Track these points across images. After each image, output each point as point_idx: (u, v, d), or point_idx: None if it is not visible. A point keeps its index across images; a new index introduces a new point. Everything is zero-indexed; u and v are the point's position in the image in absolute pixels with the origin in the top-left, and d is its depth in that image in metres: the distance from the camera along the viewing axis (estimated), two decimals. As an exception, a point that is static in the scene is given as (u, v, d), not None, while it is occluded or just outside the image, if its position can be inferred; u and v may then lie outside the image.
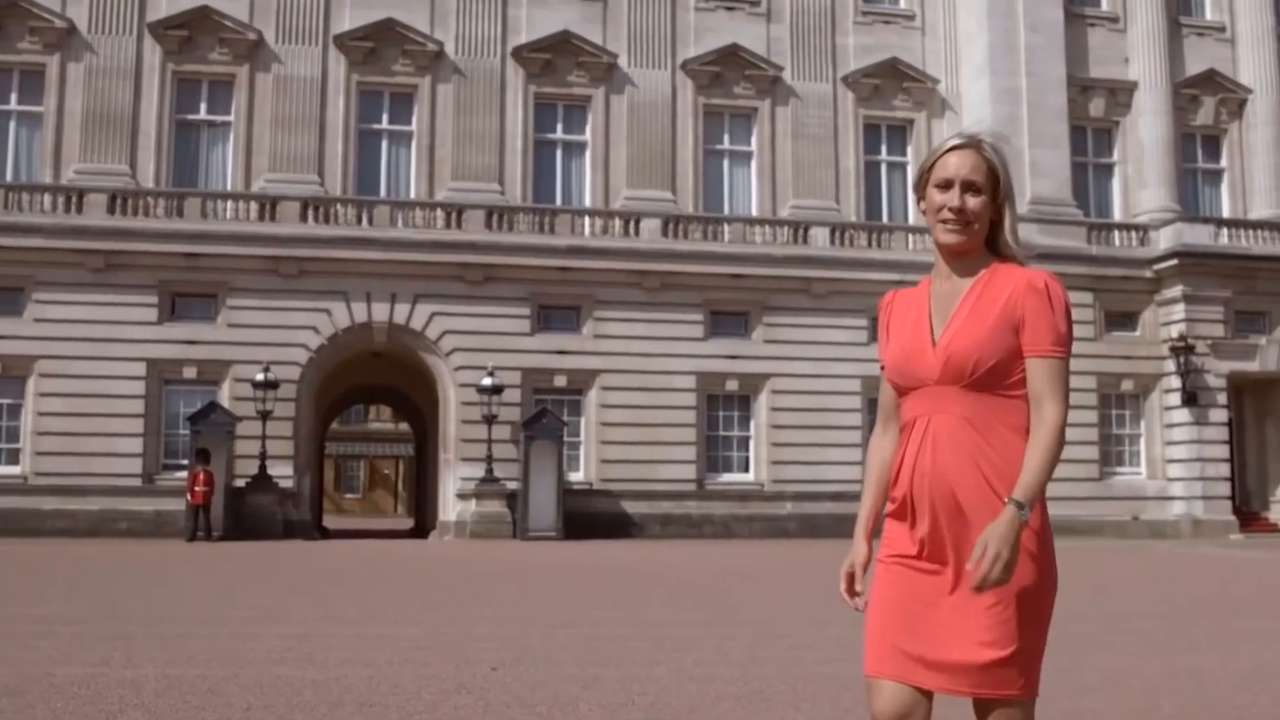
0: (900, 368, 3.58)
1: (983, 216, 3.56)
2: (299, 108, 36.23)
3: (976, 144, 3.61)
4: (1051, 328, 3.44)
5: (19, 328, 33.68)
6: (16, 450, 33.78)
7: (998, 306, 3.47)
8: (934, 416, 3.48)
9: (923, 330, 3.57)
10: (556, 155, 37.99)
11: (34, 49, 35.42)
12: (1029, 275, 3.50)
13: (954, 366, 3.45)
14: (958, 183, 3.53)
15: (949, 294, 3.60)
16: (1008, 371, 3.44)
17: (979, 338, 3.44)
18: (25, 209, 34.13)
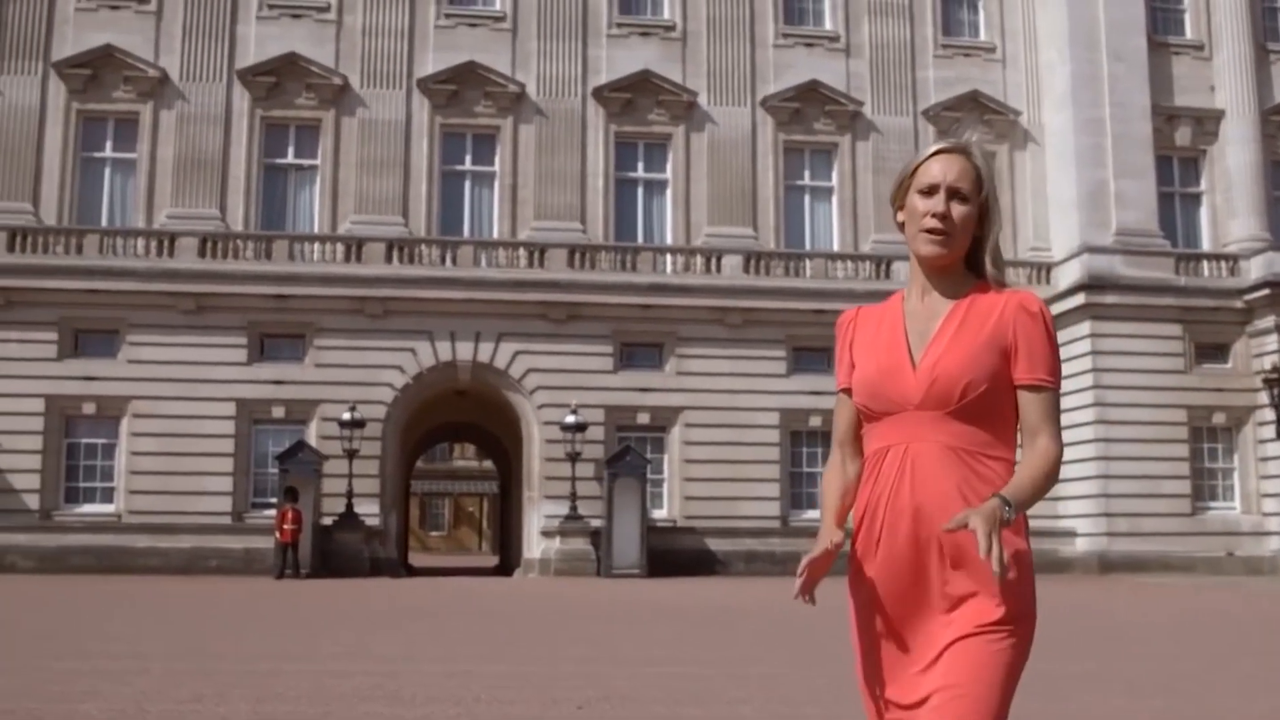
0: (874, 390, 3.26)
1: (967, 228, 3.27)
2: (384, 150, 36.78)
3: (965, 149, 3.35)
4: (1046, 356, 3.21)
5: (114, 369, 34.41)
6: (111, 489, 34.45)
7: (986, 328, 3.21)
8: (912, 445, 3.20)
9: (899, 350, 3.27)
10: (638, 193, 38.19)
11: (128, 98, 36.31)
12: (1020, 297, 3.25)
13: (940, 390, 3.17)
14: (943, 188, 3.26)
15: (927, 313, 3.31)
16: (996, 399, 3.19)
17: (968, 359, 3.17)
18: (120, 253, 34.92)
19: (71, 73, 35.98)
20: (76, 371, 34.27)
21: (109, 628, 16.18)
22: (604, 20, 38.45)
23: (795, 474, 36.51)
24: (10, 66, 35.89)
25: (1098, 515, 35.98)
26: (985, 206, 3.31)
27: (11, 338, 34.13)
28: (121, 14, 36.64)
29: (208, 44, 36.67)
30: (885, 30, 39.64)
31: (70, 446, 34.48)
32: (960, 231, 3.27)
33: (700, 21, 38.79)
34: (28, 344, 34.13)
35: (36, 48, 36.09)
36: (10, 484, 33.67)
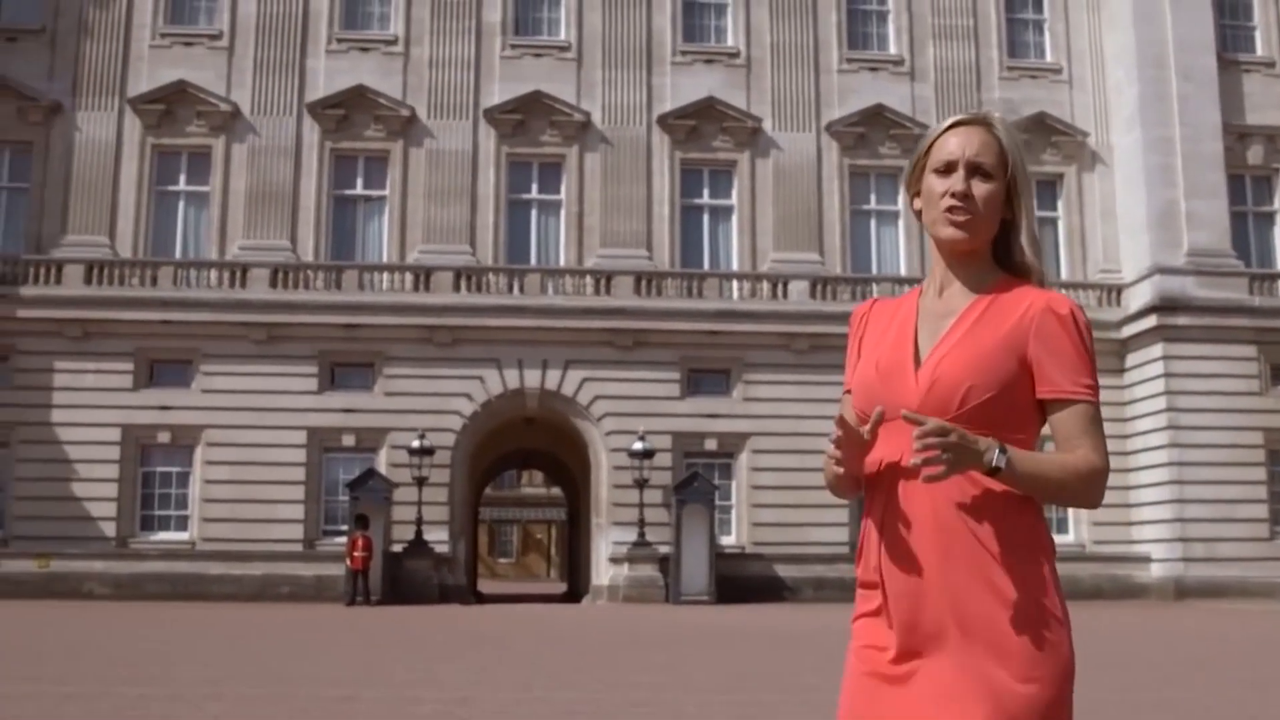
0: (870, 392, 2.87)
1: (992, 209, 2.90)
2: (451, 180, 37.13)
3: (985, 120, 2.96)
4: (1080, 365, 2.80)
5: (188, 399, 34.94)
6: (185, 517, 34.93)
7: (1004, 328, 2.81)
8: (907, 455, 2.73)
9: (905, 349, 2.89)
10: (703, 220, 38.25)
11: (201, 132, 36.96)
12: (1049, 297, 2.85)
13: (939, 395, 2.76)
14: (962, 164, 2.89)
15: (943, 309, 2.92)
16: (1009, 413, 2.76)
17: (973, 361, 2.77)
18: (193, 285, 35.49)
19: (146, 108, 36.70)
20: (152, 401, 34.82)
21: (182, 654, 16.39)
22: (668, 48, 38.63)
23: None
24: (88, 103, 36.67)
25: (1173, 540, 35.44)
26: (1013, 185, 2.94)
27: (89, 368, 34.77)
28: (194, 50, 37.34)
29: (278, 78, 37.27)
30: (950, 53, 39.51)
31: (146, 475, 35.02)
32: (984, 213, 2.90)
33: (764, 48, 38.87)
34: (104, 374, 34.75)
35: (113, 84, 36.85)
36: (88, 512, 34.23)
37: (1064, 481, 2.72)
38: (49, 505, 33.99)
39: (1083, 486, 2.74)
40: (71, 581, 33.11)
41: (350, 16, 38.15)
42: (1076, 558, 36.10)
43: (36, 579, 32.99)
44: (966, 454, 2.60)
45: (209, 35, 37.55)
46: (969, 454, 2.61)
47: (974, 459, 2.62)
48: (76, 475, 34.37)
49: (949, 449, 2.60)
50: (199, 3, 37.99)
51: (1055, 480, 2.71)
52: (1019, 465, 2.65)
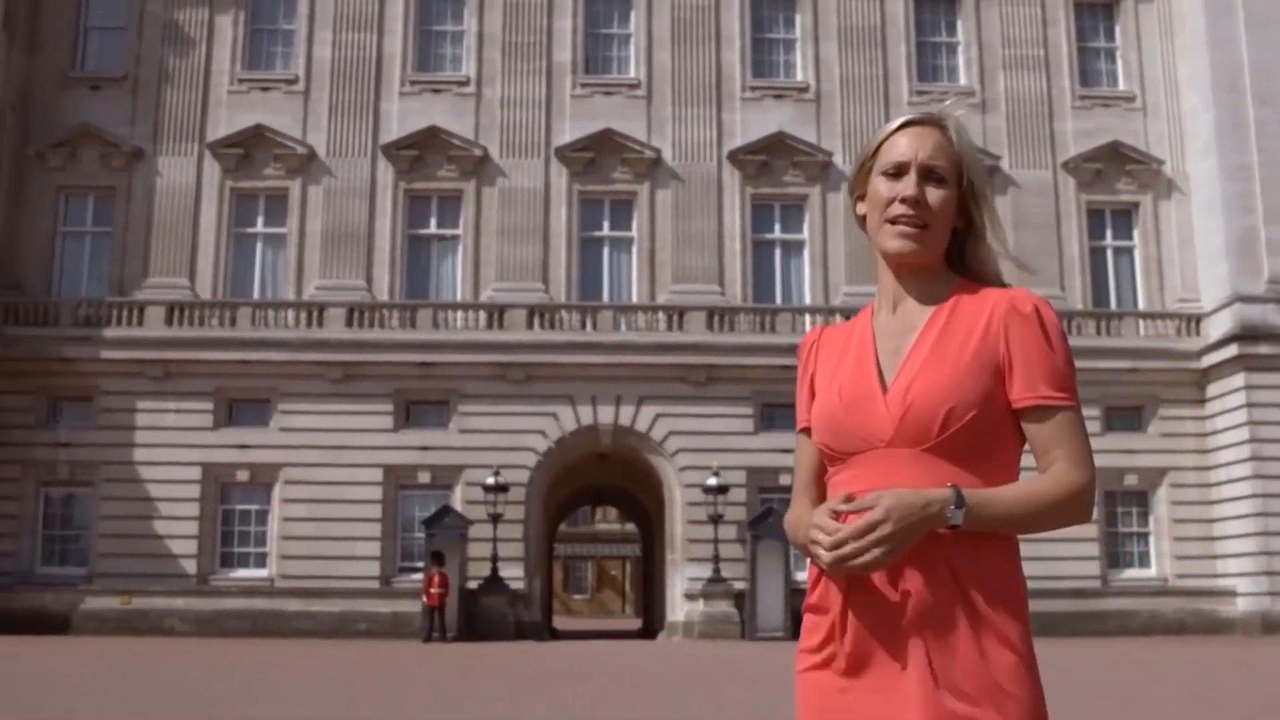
0: (835, 424, 2.64)
1: (945, 216, 2.66)
2: (523, 218, 37.43)
3: (938, 121, 2.71)
4: (1052, 366, 2.56)
5: (266, 437, 35.39)
6: (264, 554, 35.32)
7: (972, 339, 2.58)
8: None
9: (868, 375, 2.65)
10: (775, 254, 38.25)
11: (278, 175, 37.59)
12: (1011, 295, 2.62)
13: (915, 420, 2.54)
14: (915, 168, 2.64)
15: (900, 327, 2.69)
16: (989, 430, 2.55)
17: (949, 380, 2.54)
18: (271, 324, 36.01)
19: (225, 152, 37.39)
20: (231, 440, 35.32)
21: (261, 691, 16.55)
22: (738, 84, 38.77)
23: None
24: (168, 148, 37.42)
25: (1258, 574, 34.73)
26: (969, 190, 2.69)
27: (170, 408, 35.34)
28: (271, 95, 38.01)
29: (353, 121, 37.82)
30: (1021, 83, 39.30)
31: (225, 513, 35.49)
32: (937, 221, 2.65)
33: (834, 82, 38.89)
34: (185, 414, 35.31)
35: (192, 130, 37.59)
36: (169, 549, 34.72)
37: (1035, 514, 2.50)
38: (132, 543, 34.53)
39: (1059, 512, 2.52)
40: (153, 618, 33.57)
41: (423, 59, 38.69)
42: (1159, 592, 35.53)
43: (119, 615, 33.50)
44: (910, 530, 2.40)
45: (285, 80, 38.23)
46: (913, 528, 2.40)
47: (923, 527, 2.41)
48: (158, 513, 34.89)
49: (883, 542, 2.39)
50: (275, 49, 38.72)
51: (1025, 515, 2.49)
52: (980, 512, 2.44)
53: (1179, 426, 36.62)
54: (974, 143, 2.75)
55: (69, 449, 35.24)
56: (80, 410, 35.52)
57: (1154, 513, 36.60)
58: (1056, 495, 2.51)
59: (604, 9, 39.39)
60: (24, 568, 34.79)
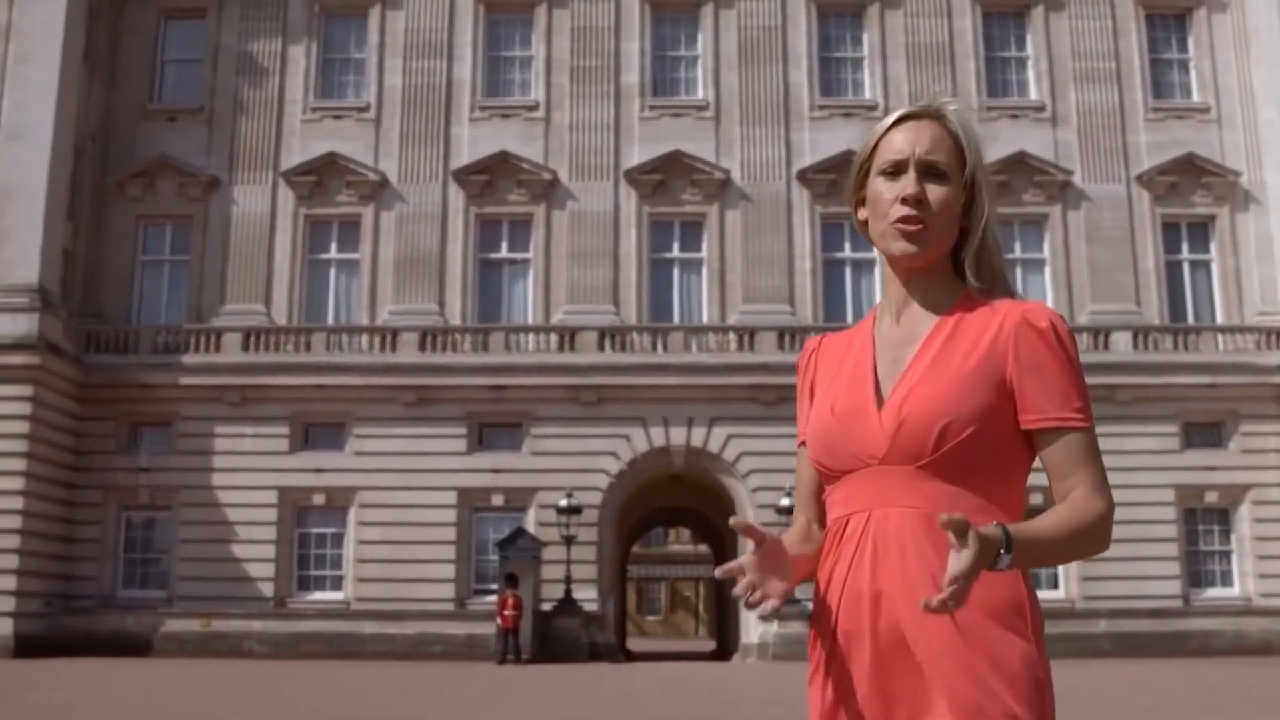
0: (828, 440, 2.51)
1: (948, 214, 2.50)
2: (593, 241, 37.60)
3: (936, 113, 2.56)
4: (1070, 385, 2.41)
5: (341, 461, 35.75)
6: (340, 577, 35.65)
7: (977, 351, 2.44)
8: (876, 512, 2.42)
9: (864, 387, 2.51)
10: (845, 273, 38.11)
11: (351, 201, 38.06)
12: (1024, 309, 2.46)
13: (909, 436, 2.40)
14: (913, 164, 2.50)
15: (902, 336, 2.55)
16: (991, 450, 2.40)
17: (945, 394, 2.40)
18: (345, 349, 36.42)
19: (299, 180, 37.92)
20: (307, 464, 35.71)
21: (340, 712, 16.68)
22: (805, 103, 38.74)
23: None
24: (243, 177, 38.03)
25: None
26: (971, 186, 2.53)
27: (247, 432, 35.80)
28: (344, 123, 38.51)
29: (424, 147, 38.22)
30: (1092, 97, 38.91)
31: (302, 536, 35.87)
32: (941, 219, 2.50)
33: (902, 99, 38.66)
34: (262, 438, 35.75)
35: (267, 159, 38.18)
36: (247, 572, 35.14)
37: (1065, 549, 2.35)
38: (210, 566, 34.99)
39: (1085, 544, 2.37)
40: (231, 640, 33.95)
41: (492, 85, 39.02)
42: (1242, 612, 34.88)
43: (199, 638, 33.91)
44: (978, 573, 2.18)
45: (357, 108, 38.72)
46: (980, 570, 2.18)
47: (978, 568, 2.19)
48: (236, 537, 35.33)
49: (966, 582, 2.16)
50: (347, 78, 39.24)
51: (1058, 551, 2.34)
52: (1024, 553, 2.25)
53: (1261, 443, 35.96)
54: (977, 133, 2.58)
55: (149, 474, 35.80)
56: (160, 435, 36.10)
57: (1236, 531, 35.96)
58: (1089, 525, 2.36)
59: (671, 31, 39.55)
60: (106, 591, 35.37)
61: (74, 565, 35.39)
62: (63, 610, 34.45)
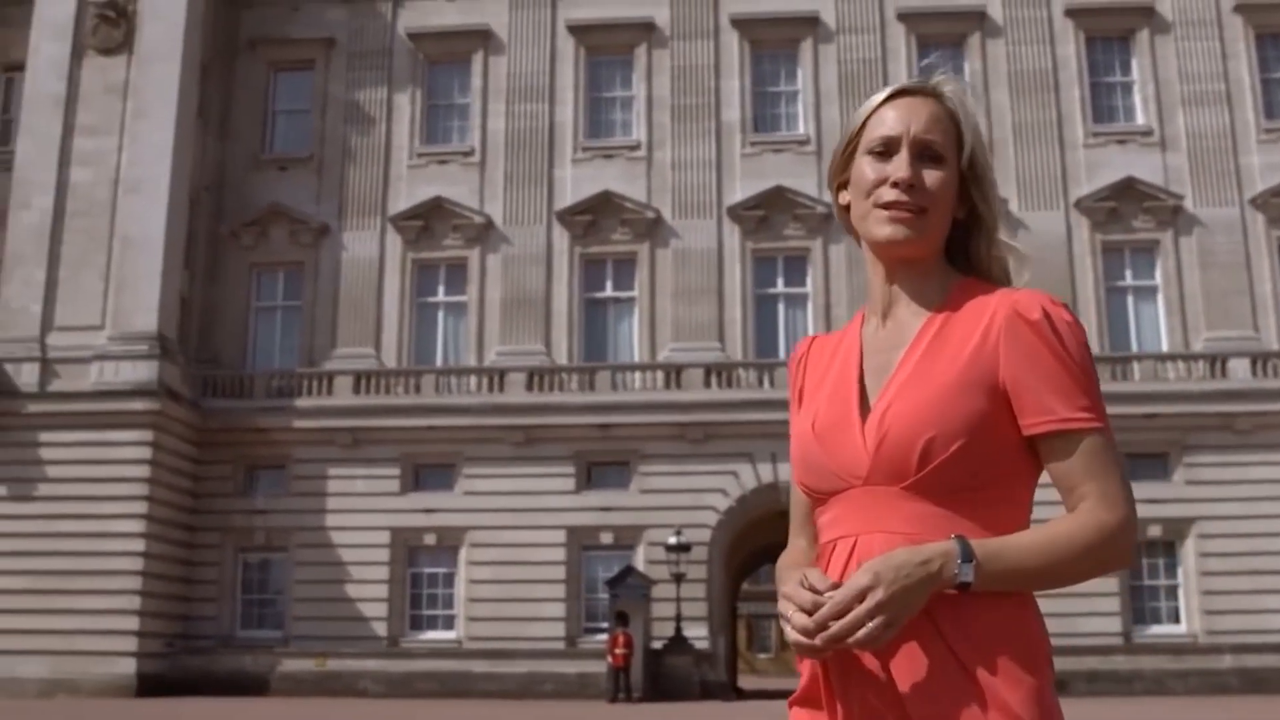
0: (810, 459, 2.28)
1: (944, 200, 2.27)
2: (697, 278, 37.68)
3: (934, 90, 2.32)
4: (1070, 382, 2.15)
5: (451, 501, 36.11)
6: (452, 616, 35.94)
7: (965, 352, 2.18)
8: (862, 538, 2.18)
9: (847, 397, 2.27)
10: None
11: (457, 244, 38.60)
12: (1015, 299, 2.20)
13: (891, 454, 2.15)
14: (907, 144, 2.26)
15: (890, 339, 2.30)
16: (986, 463, 2.14)
17: (930, 404, 2.14)
18: (454, 391, 36.84)
19: (406, 224, 38.56)
20: (418, 504, 36.13)
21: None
22: (908, 135, 38.45)
23: (1135, 587, 34.76)
24: (352, 223, 38.78)
25: None
26: (970, 171, 2.30)
27: (359, 474, 36.34)
28: (449, 167, 39.12)
29: (528, 189, 38.67)
30: (1202, 120, 38.17)
31: (414, 575, 36.25)
32: (936, 206, 2.26)
33: (1006, 129, 38.33)
34: (374, 479, 36.25)
35: (374, 204, 38.90)
36: (360, 612, 35.58)
37: (1059, 565, 2.08)
38: (324, 606, 35.49)
39: (1089, 560, 2.10)
40: (346, 680, 34.35)
41: (594, 126, 39.39)
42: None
43: (314, 677, 34.37)
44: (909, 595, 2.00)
45: (462, 153, 39.32)
46: (912, 591, 2.01)
47: (925, 590, 2.02)
48: (349, 577, 35.81)
49: (877, 612, 2.00)
50: (452, 123, 39.88)
51: (1047, 566, 2.08)
52: (993, 566, 2.04)
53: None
54: (977, 116, 2.34)
55: (265, 515, 36.48)
56: (275, 478, 36.78)
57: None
58: (1084, 540, 2.08)
59: (770, 68, 39.63)
60: (225, 631, 36.04)
61: (194, 606, 36.14)
62: (183, 650, 35.16)
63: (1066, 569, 2.10)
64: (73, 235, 36.21)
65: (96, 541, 33.58)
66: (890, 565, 2.01)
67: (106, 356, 35.02)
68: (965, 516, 2.12)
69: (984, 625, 2.08)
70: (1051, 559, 2.07)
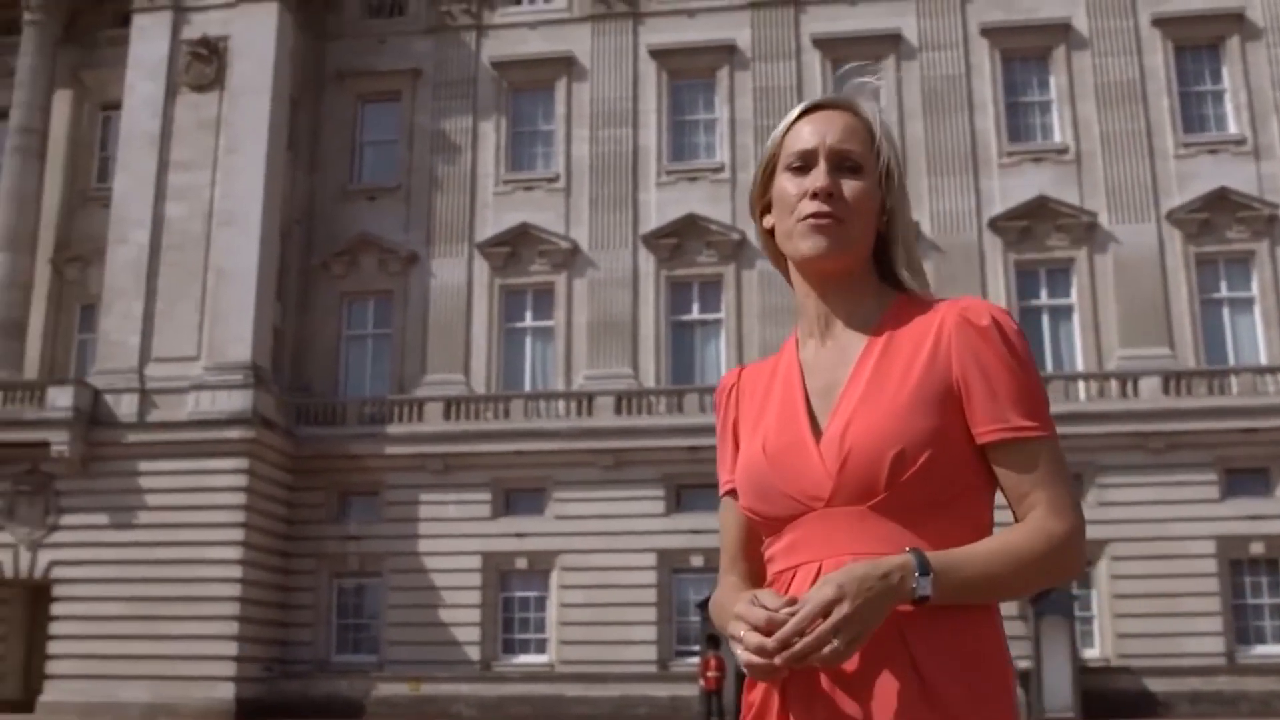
0: (761, 483, 2.23)
1: (865, 210, 2.23)
2: (784, 298, 37.48)
3: (848, 104, 2.28)
4: (1021, 390, 2.12)
5: (542, 525, 36.26)
6: (544, 640, 36.06)
7: (918, 363, 2.15)
8: (827, 563, 2.11)
9: (797, 420, 2.23)
10: (1042, 320, 37.27)
11: (544, 270, 38.88)
12: (963, 306, 2.19)
13: (857, 472, 2.11)
14: (824, 155, 2.23)
15: (833, 359, 2.26)
16: (950, 476, 2.11)
17: (890, 419, 2.11)
18: (543, 415, 37.03)
19: (493, 251, 38.92)
20: (509, 529, 36.32)
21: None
22: (994, 150, 38.17)
23: (1238, 606, 34.00)
24: (440, 251, 39.22)
25: None
26: (889, 182, 2.26)
27: (450, 499, 36.63)
28: (534, 194, 39.44)
29: (613, 213, 38.86)
30: (1297, 127, 37.42)
31: (505, 600, 36.42)
32: (856, 215, 2.21)
33: (1094, 140, 37.87)
34: (465, 504, 36.52)
35: (462, 232, 39.32)
36: (454, 637, 35.82)
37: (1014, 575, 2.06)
38: (418, 631, 35.79)
39: (1042, 569, 2.08)
40: (440, 704, 34.59)
41: (677, 149, 39.51)
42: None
43: (409, 701, 34.65)
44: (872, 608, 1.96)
45: (547, 179, 39.62)
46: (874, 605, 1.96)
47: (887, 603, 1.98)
48: (442, 602, 36.07)
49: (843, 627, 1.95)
50: (536, 150, 40.23)
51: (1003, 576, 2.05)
52: (952, 578, 2.00)
53: None
54: (892, 128, 2.31)
55: (358, 541, 36.89)
56: (368, 504, 37.21)
57: None
58: (1034, 550, 2.06)
59: (853, 86, 39.44)
60: (321, 656, 36.46)
61: (290, 631, 36.61)
62: (281, 675, 35.64)
63: (1020, 579, 2.08)
64: (168, 269, 37.02)
65: (195, 568, 34.22)
66: (853, 578, 1.97)
67: (202, 386, 35.71)
68: (931, 532, 2.09)
69: (949, 641, 2.05)
70: (1005, 570, 2.05)
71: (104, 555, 34.71)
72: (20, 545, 35.32)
